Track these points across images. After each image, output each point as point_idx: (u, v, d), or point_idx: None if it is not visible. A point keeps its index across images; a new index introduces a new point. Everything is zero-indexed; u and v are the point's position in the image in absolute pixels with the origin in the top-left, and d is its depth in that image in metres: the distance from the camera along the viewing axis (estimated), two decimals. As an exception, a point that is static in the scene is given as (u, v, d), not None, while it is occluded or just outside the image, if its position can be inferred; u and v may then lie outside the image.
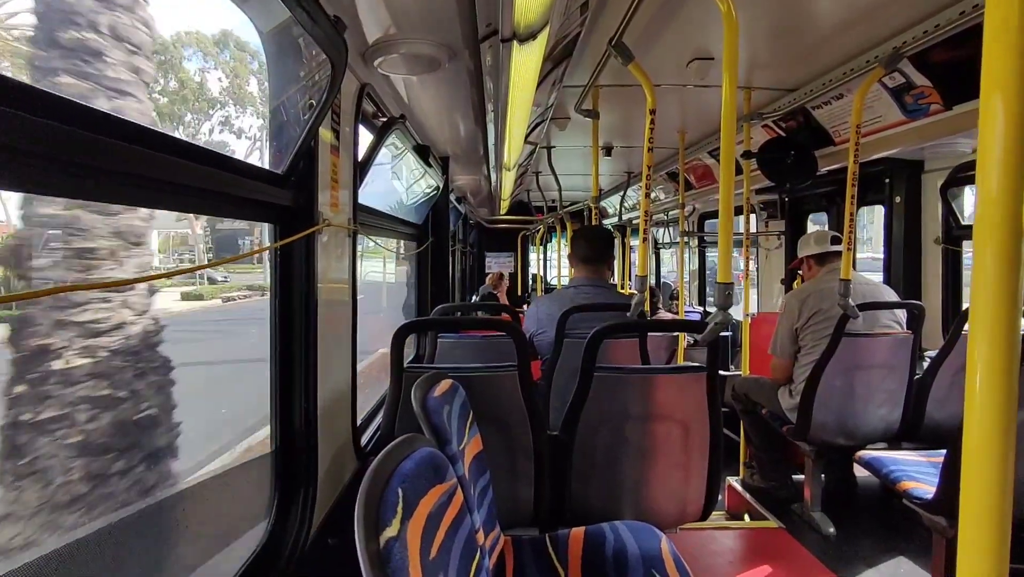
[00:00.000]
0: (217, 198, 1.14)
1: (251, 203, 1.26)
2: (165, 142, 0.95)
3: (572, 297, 2.56)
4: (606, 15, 1.93)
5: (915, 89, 2.27)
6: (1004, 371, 0.56)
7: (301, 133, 1.34)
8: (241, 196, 1.19)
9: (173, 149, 0.96)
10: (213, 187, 1.09)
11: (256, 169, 1.27)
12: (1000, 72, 0.56)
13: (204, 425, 5.60)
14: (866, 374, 2.55)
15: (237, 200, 1.19)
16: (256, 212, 1.31)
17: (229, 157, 1.15)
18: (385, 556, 0.76)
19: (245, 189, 1.20)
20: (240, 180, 1.17)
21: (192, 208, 1.15)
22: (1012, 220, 0.56)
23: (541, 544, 1.58)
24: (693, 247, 6.06)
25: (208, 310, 10.73)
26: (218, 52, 5.00)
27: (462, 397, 1.49)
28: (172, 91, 4.30)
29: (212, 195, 1.11)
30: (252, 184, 1.23)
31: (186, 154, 1.00)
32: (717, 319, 1.58)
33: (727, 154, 1.53)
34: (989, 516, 0.58)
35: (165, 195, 1.01)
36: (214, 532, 1.46)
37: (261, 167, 1.31)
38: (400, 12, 1.54)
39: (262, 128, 5.22)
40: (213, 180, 1.08)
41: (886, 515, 2.67)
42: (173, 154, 0.96)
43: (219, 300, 10.87)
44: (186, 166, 0.99)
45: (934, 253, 3.14)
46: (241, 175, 1.18)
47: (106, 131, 0.81)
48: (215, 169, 1.08)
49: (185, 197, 1.06)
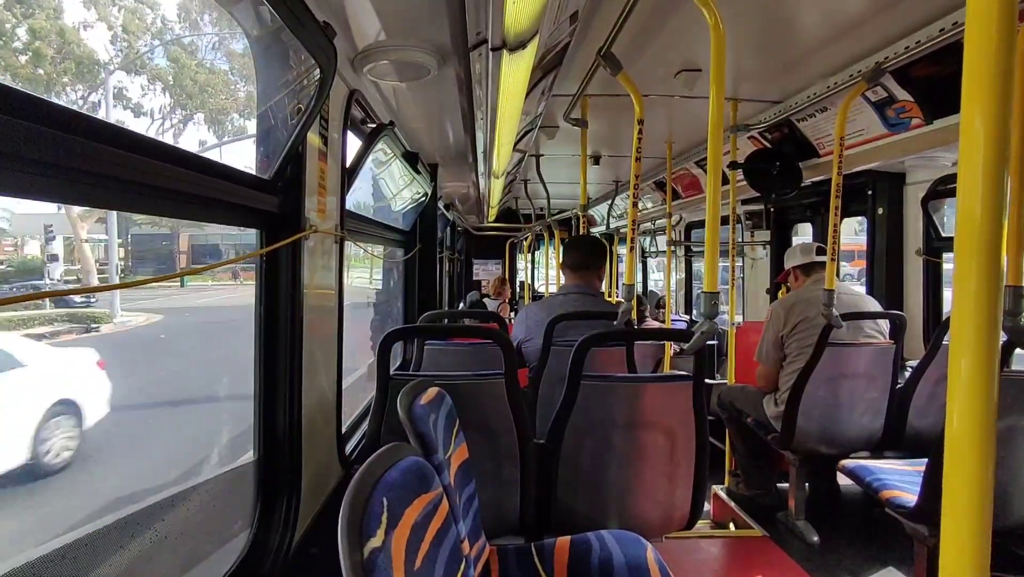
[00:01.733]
0: (202, 203, 1.12)
1: (237, 208, 1.25)
2: (150, 145, 0.94)
3: (561, 304, 2.56)
4: (595, 25, 1.94)
5: (897, 103, 2.32)
6: (984, 381, 0.57)
7: (289, 139, 1.34)
8: (226, 201, 1.18)
9: (157, 153, 0.95)
10: (198, 192, 1.08)
11: (242, 174, 1.25)
12: (980, 88, 0.57)
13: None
14: (849, 383, 2.57)
15: (222, 205, 1.18)
16: (242, 218, 1.30)
17: (215, 162, 1.13)
18: (369, 567, 0.75)
19: (231, 194, 1.18)
20: (226, 185, 1.16)
21: (176, 213, 1.14)
22: (992, 233, 0.57)
23: (527, 553, 1.57)
24: (680, 256, 6.11)
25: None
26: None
27: (448, 405, 1.48)
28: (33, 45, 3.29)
29: (197, 200, 1.10)
30: (238, 189, 1.22)
31: (171, 158, 0.99)
32: (703, 328, 1.59)
33: (714, 164, 1.55)
34: (970, 525, 0.59)
35: (148, 199, 0.99)
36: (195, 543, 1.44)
37: (248, 172, 1.29)
38: (390, 19, 1.54)
39: (173, 107, 4.52)
40: (198, 185, 1.07)
41: (869, 523, 2.70)
42: (157, 158, 0.95)
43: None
44: (171, 170, 0.98)
45: (915, 264, 3.19)
46: (227, 180, 1.17)
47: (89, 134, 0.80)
48: (200, 174, 1.07)
49: (169, 202, 1.05)
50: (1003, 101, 0.56)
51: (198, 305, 6.35)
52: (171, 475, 3.14)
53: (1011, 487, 1.80)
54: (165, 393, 4.47)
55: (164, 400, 4.43)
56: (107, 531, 1.43)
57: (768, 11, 1.88)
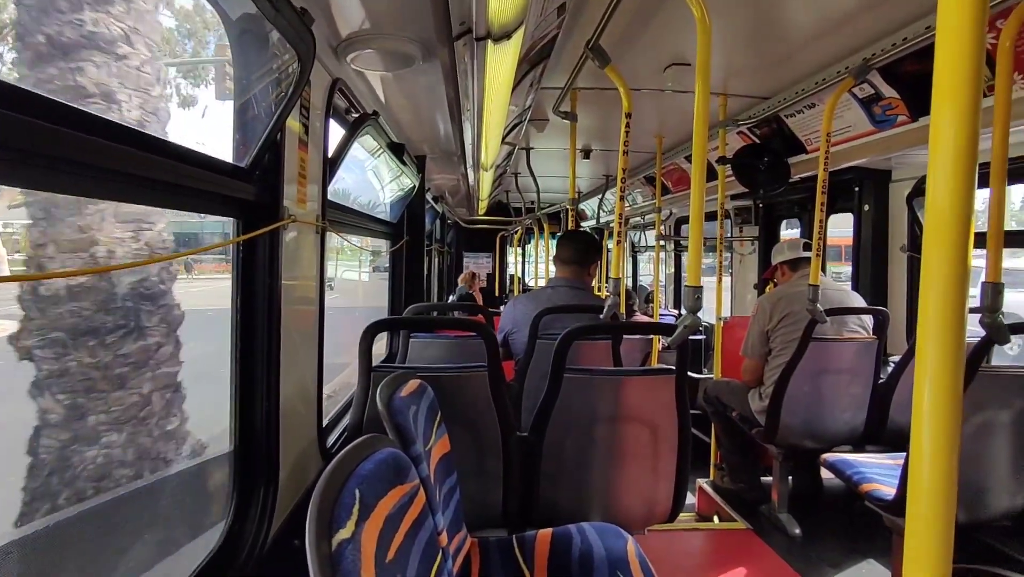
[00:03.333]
0: (176, 191, 1.11)
1: (211, 196, 1.23)
2: (121, 132, 0.92)
3: (550, 297, 2.56)
4: (584, 17, 1.93)
5: (883, 100, 2.33)
6: (950, 375, 0.57)
7: (267, 126, 1.31)
8: (201, 189, 1.16)
9: (129, 139, 0.93)
10: (171, 179, 1.06)
11: (218, 162, 1.23)
12: (950, 88, 0.57)
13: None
14: (833, 378, 2.59)
15: (195, 193, 1.16)
16: (216, 205, 1.28)
17: (189, 149, 1.12)
18: (336, 558, 0.74)
19: (206, 182, 1.17)
20: (200, 173, 1.14)
21: (149, 200, 1.12)
22: (960, 230, 0.57)
23: (508, 546, 1.57)
24: (670, 251, 6.12)
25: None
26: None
27: (430, 397, 1.48)
28: None
29: (170, 187, 1.08)
30: (213, 177, 1.20)
31: (144, 145, 0.97)
32: (686, 322, 1.59)
33: (699, 159, 1.54)
34: (935, 514, 0.59)
35: (120, 186, 0.98)
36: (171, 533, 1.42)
37: (224, 160, 1.27)
38: (373, 7, 1.52)
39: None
40: (172, 172, 1.05)
41: (850, 516, 2.73)
42: (129, 145, 0.93)
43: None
44: (143, 157, 0.96)
45: (900, 261, 3.21)
46: (202, 168, 1.15)
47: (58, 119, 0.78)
48: (174, 161, 1.05)
49: (142, 189, 1.03)
50: (972, 101, 0.56)
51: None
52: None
53: (987, 481, 1.82)
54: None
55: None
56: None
57: (756, 6, 1.88)
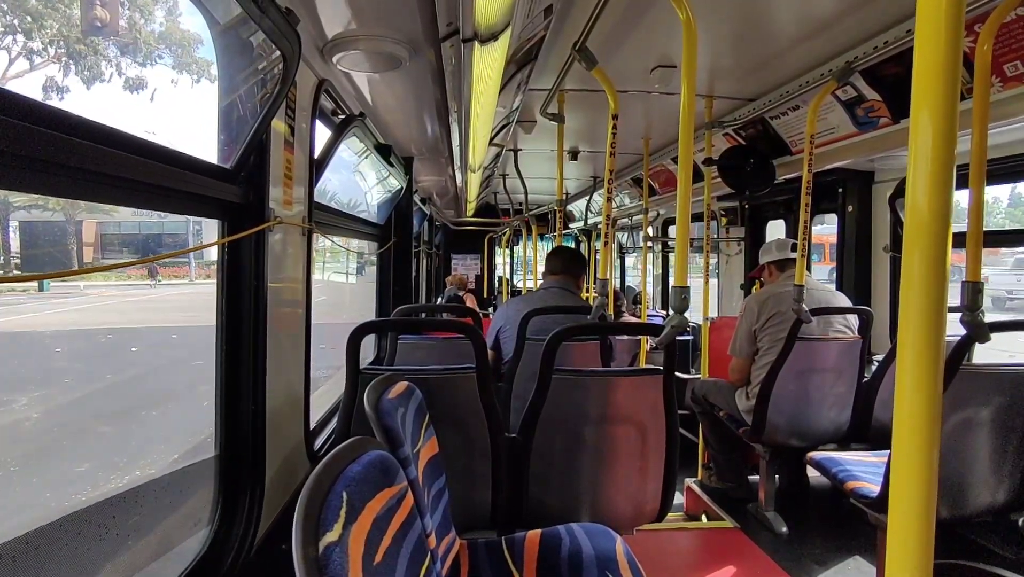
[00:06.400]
0: (160, 192, 1.09)
1: (197, 198, 1.22)
2: (103, 132, 0.90)
3: (541, 298, 2.57)
4: (571, 19, 1.93)
5: (866, 103, 2.36)
6: (930, 372, 0.58)
7: (252, 127, 1.30)
8: (185, 191, 1.15)
9: (111, 140, 0.92)
10: (156, 181, 1.05)
11: (203, 163, 1.22)
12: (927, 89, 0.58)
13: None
14: (818, 377, 2.62)
15: (180, 194, 1.15)
16: (201, 207, 1.27)
17: (174, 151, 1.10)
18: (323, 561, 0.73)
19: (188, 183, 1.15)
20: (185, 174, 1.13)
21: (133, 202, 1.10)
22: (939, 231, 0.58)
23: (497, 547, 1.57)
24: (658, 252, 6.15)
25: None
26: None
27: (419, 399, 1.47)
28: None
29: (154, 189, 1.07)
30: (198, 179, 1.19)
31: (127, 147, 0.96)
32: (673, 322, 1.60)
33: (685, 160, 1.55)
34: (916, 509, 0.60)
35: (101, 188, 0.96)
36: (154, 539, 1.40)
37: (208, 161, 1.26)
38: (359, 8, 1.51)
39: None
40: (156, 174, 1.04)
41: (836, 514, 2.76)
42: (113, 146, 0.92)
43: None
44: (127, 159, 0.95)
45: (883, 261, 3.26)
46: (186, 169, 1.14)
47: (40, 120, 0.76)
48: (158, 163, 1.04)
49: (126, 191, 1.02)
50: (950, 103, 0.57)
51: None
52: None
53: (969, 477, 1.85)
54: None
55: None
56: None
57: (741, 9, 1.89)
